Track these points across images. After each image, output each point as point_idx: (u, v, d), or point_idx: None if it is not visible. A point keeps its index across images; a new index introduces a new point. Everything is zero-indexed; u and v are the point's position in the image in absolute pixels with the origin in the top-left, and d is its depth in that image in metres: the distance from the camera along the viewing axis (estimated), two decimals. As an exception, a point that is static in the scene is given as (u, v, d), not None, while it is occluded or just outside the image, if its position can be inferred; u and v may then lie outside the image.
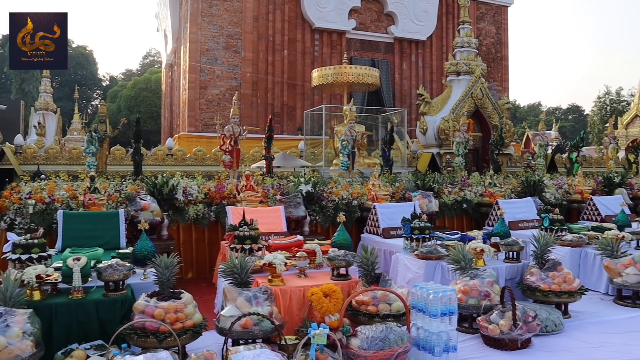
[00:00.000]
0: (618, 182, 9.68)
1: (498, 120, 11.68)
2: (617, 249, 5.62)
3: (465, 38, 12.33)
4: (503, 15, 24.42)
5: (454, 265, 4.70)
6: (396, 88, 21.26)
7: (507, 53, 24.29)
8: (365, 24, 20.93)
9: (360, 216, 7.28)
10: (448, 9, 22.35)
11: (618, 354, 4.03)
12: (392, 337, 3.60)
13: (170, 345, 3.39)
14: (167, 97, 24.98)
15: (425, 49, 21.94)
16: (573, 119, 61.47)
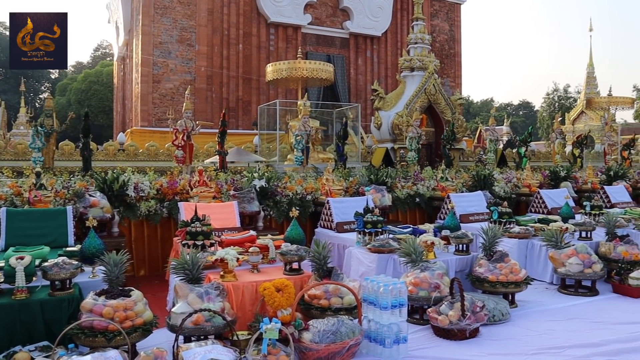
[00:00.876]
0: (564, 175, 10.04)
1: (450, 116, 11.91)
2: (561, 240, 5.84)
3: (419, 34, 12.51)
4: (456, 12, 24.88)
5: (405, 258, 4.79)
6: (351, 83, 21.39)
7: (460, 50, 24.77)
8: (321, 19, 20.96)
9: (314, 211, 7.31)
10: (403, 6, 22.60)
11: (561, 340, 4.21)
12: (343, 330, 3.65)
13: (120, 344, 3.35)
14: (120, 90, 24.39)
15: (380, 45, 22.14)
16: (524, 115, 63.22)
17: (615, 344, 4.11)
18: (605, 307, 5.16)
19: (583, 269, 5.49)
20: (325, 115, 14.66)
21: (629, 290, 5.51)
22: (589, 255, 5.57)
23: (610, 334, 4.32)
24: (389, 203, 7.47)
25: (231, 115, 18.96)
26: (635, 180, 11.51)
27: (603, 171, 11.49)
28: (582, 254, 5.55)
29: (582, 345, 4.07)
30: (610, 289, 5.72)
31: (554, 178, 9.92)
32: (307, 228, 7.30)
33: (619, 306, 5.20)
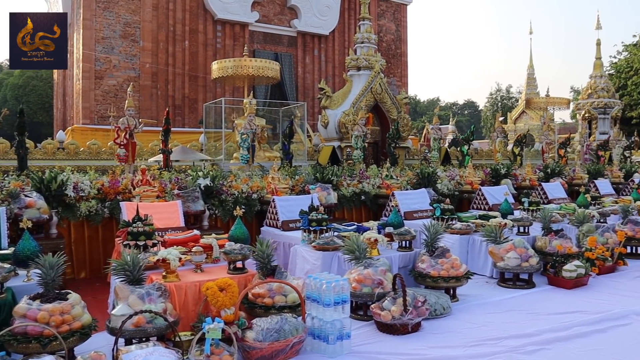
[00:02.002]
0: (504, 173, 10.38)
1: (396, 115, 12.10)
2: (500, 235, 6.05)
3: (365, 34, 12.63)
4: (402, 13, 25.27)
5: (349, 255, 4.85)
6: (299, 82, 21.41)
7: (406, 50, 25.18)
8: (269, 17, 20.86)
9: (260, 209, 7.29)
10: (350, 5, 22.78)
11: (498, 332, 4.36)
12: (287, 328, 3.66)
13: (56, 350, 3.25)
14: (60, 86, 23.54)
15: (327, 44, 22.25)
16: (469, 114, 64.96)
17: (548, 333, 4.30)
18: (540, 299, 5.39)
19: (520, 262, 5.71)
20: (272, 114, 14.62)
21: (563, 282, 5.77)
22: (526, 250, 5.79)
23: (544, 324, 4.52)
24: (335, 201, 7.53)
25: (177, 113, 18.62)
26: (571, 177, 12.03)
27: (541, 169, 11.95)
28: (520, 249, 5.77)
29: (518, 336, 4.24)
30: (545, 281, 5.98)
31: (495, 175, 10.24)
32: (253, 227, 7.27)
33: (554, 297, 5.44)
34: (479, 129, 50.53)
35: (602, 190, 11.29)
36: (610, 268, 6.52)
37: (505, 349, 3.96)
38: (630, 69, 33.58)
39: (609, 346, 4.04)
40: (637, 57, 33.03)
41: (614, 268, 6.63)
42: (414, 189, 8.48)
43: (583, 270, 5.85)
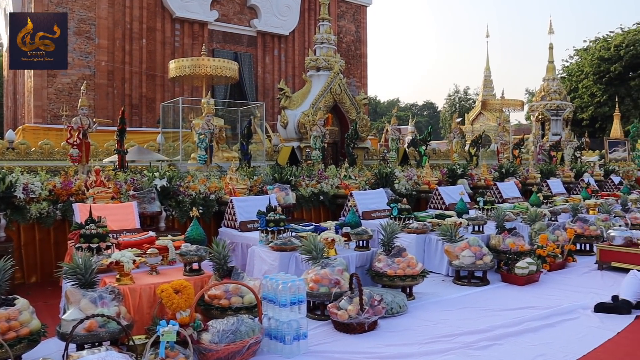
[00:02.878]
0: (460, 173, 10.59)
1: (355, 115, 12.18)
2: (456, 234, 6.17)
3: (325, 35, 12.67)
4: (362, 14, 25.44)
5: (307, 255, 4.86)
6: (259, 82, 21.29)
7: (366, 51, 25.36)
8: (228, 16, 20.67)
9: (218, 210, 7.22)
10: (310, 6, 22.79)
11: (453, 328, 4.46)
12: (243, 329, 3.65)
13: (2, 358, 3.14)
14: (10, 84, 22.73)
15: (288, 44, 22.20)
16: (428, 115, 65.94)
17: (501, 328, 4.41)
18: (494, 296, 5.53)
19: (475, 260, 5.84)
20: (231, 114, 14.50)
21: (516, 279, 5.94)
22: (480, 248, 5.93)
23: (497, 320, 4.64)
24: (293, 201, 7.52)
25: (134, 112, 18.26)
26: (525, 177, 12.36)
27: (496, 169, 12.24)
28: (474, 247, 5.90)
29: (472, 332, 4.34)
30: (499, 278, 6.14)
31: (452, 175, 10.43)
32: (211, 228, 7.20)
33: (506, 294, 5.59)
34: (438, 129, 51.40)
35: (554, 189, 11.66)
36: (560, 265, 6.75)
37: (459, 345, 4.05)
38: (581, 73, 34.75)
39: (557, 340, 4.19)
40: (587, 62, 34.20)
41: (564, 264, 6.87)
42: (373, 189, 8.56)
43: (535, 267, 6.04)
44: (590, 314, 4.84)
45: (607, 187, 13.53)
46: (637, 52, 31.24)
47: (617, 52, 32.09)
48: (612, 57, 32.32)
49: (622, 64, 31.73)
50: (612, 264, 6.57)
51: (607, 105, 30.91)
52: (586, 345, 4.06)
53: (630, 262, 6.28)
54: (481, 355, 3.87)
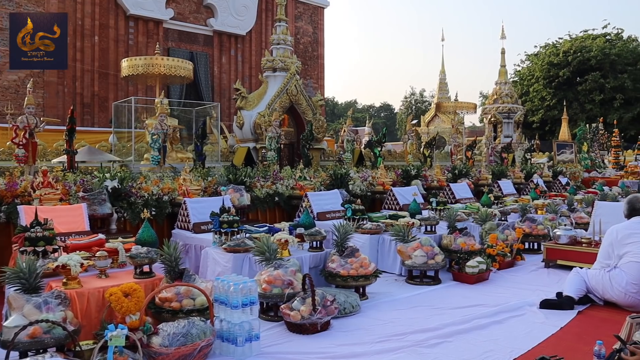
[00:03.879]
0: (414, 174, 10.76)
1: (312, 116, 12.21)
2: (408, 234, 6.26)
3: (282, 35, 12.66)
4: (319, 15, 25.55)
5: (260, 256, 4.85)
6: (215, 82, 21.09)
7: (323, 52, 25.48)
8: (184, 15, 20.41)
9: (172, 212, 7.12)
10: (267, 6, 22.74)
11: (404, 327, 4.52)
12: (194, 332, 3.61)
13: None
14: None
15: (244, 44, 22.09)
16: (385, 116, 66.69)
17: (450, 326, 4.50)
18: (445, 294, 5.64)
19: (427, 260, 5.94)
20: (187, 114, 14.31)
21: (466, 278, 6.07)
22: (432, 248, 6.03)
23: (447, 318, 4.73)
24: (248, 202, 7.49)
25: (86, 111, 17.81)
26: (477, 178, 12.65)
27: (449, 170, 12.48)
28: (426, 247, 6.01)
29: (422, 330, 4.41)
30: (451, 277, 6.26)
31: (406, 176, 10.59)
32: (164, 230, 7.08)
33: (457, 292, 5.71)
34: (395, 131, 52.07)
35: (505, 190, 11.98)
36: (509, 263, 6.94)
37: (410, 344, 4.11)
38: (531, 77, 35.91)
39: (504, 336, 4.31)
40: (538, 66, 35.36)
41: (513, 263, 7.06)
42: (328, 190, 8.60)
43: (484, 266, 6.19)
44: (536, 310, 5.00)
45: (555, 187, 13.99)
46: (584, 58, 32.49)
47: (565, 58, 33.30)
48: (560, 62, 33.52)
49: (570, 69, 32.95)
50: (557, 262, 6.79)
51: (556, 109, 32.02)
52: (531, 341, 4.19)
53: (574, 259, 6.50)
54: (431, 353, 3.94)
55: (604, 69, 32.03)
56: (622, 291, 4.97)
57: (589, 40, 34.21)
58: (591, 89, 31.98)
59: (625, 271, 4.98)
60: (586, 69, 32.48)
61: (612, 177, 16.59)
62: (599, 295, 5.18)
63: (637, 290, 4.90)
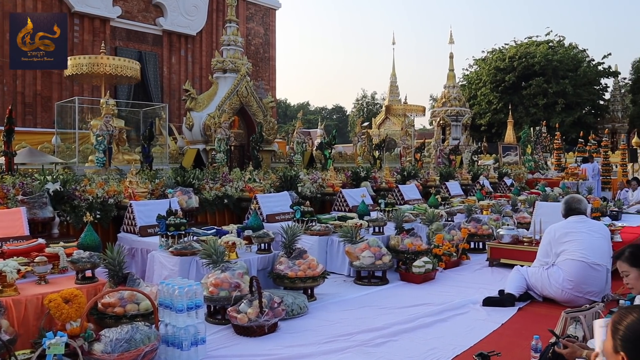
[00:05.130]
0: (364, 176, 10.88)
1: (262, 118, 12.17)
2: (356, 235, 6.32)
3: (232, 36, 12.56)
4: (271, 17, 25.47)
5: (207, 259, 4.80)
6: (165, 82, 20.72)
7: (274, 54, 25.41)
8: (132, 13, 19.96)
9: (117, 215, 6.95)
10: (218, 6, 22.50)
11: (351, 327, 4.57)
12: (138, 337, 3.54)
13: None
14: None
15: (195, 44, 21.79)
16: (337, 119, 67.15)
17: (396, 325, 4.58)
18: (392, 294, 5.72)
19: (375, 261, 6.02)
20: (136, 115, 13.99)
21: (413, 277, 6.19)
22: (379, 248, 6.12)
23: (393, 318, 4.81)
24: (196, 205, 7.40)
25: (28, 111, 17.16)
26: (425, 179, 12.90)
27: (399, 171, 12.68)
28: (374, 247, 6.09)
29: (369, 330, 4.47)
30: (398, 277, 6.36)
31: (356, 178, 10.70)
32: (110, 233, 6.91)
33: (404, 292, 5.81)
34: (347, 133, 52.45)
35: (452, 191, 12.26)
36: (455, 262, 7.11)
37: (356, 344, 4.16)
38: (479, 81, 36.90)
39: (448, 333, 4.42)
40: (485, 71, 36.38)
41: (459, 262, 7.24)
42: (277, 192, 8.60)
43: (431, 266, 6.32)
44: (479, 308, 5.14)
45: (500, 188, 14.42)
46: (529, 63, 33.63)
47: (511, 63, 34.37)
48: (506, 67, 34.58)
49: (515, 74, 34.03)
50: (501, 261, 6.99)
51: (502, 112, 32.99)
52: (474, 337, 4.31)
53: (517, 258, 6.72)
54: (376, 352, 4.00)
55: (547, 74, 33.23)
56: (559, 288, 5.18)
57: (533, 47, 35.44)
58: (535, 94, 33.11)
59: (562, 268, 5.19)
60: (530, 74, 33.62)
61: (554, 179, 17.23)
62: (538, 292, 5.38)
63: (573, 287, 5.11)
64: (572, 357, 3.12)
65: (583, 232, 5.30)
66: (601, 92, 35.88)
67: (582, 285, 5.10)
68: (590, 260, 5.10)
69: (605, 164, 18.76)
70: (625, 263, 3.29)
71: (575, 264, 5.13)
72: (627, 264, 3.28)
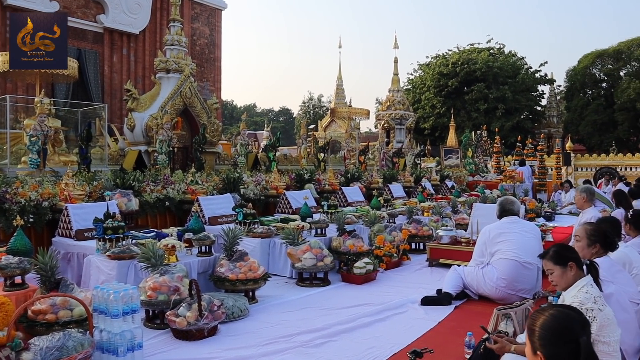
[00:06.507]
0: (308, 178, 10.93)
1: (206, 119, 12.02)
2: (298, 237, 6.35)
3: (176, 36, 12.35)
4: (217, 18, 25.17)
5: (145, 263, 4.71)
6: (106, 81, 20.11)
7: (220, 55, 25.12)
8: (71, 9, 19.26)
9: (53, 218, 6.71)
10: (162, 5, 22.04)
11: (292, 329, 4.59)
12: (70, 345, 3.44)
13: None
14: None
15: (138, 43, 21.26)
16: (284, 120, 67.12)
17: (336, 326, 4.63)
18: (333, 295, 5.78)
19: (316, 262, 6.07)
20: (74, 115, 13.53)
21: (354, 278, 6.27)
22: (321, 250, 6.17)
23: (333, 318, 4.86)
24: (136, 207, 7.24)
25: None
26: (369, 181, 13.09)
27: (342, 174, 12.81)
28: (315, 249, 6.13)
29: (309, 331, 4.50)
30: (340, 279, 6.43)
31: (300, 180, 10.73)
32: (45, 238, 6.67)
33: (345, 293, 5.87)
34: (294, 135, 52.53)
35: (395, 193, 12.50)
36: (396, 263, 7.25)
37: (296, 344, 4.18)
38: (423, 86, 37.74)
39: (387, 332, 4.51)
40: (429, 76, 37.23)
41: (399, 263, 7.39)
42: (220, 194, 8.52)
43: (372, 267, 6.42)
44: (417, 307, 5.27)
45: (442, 191, 14.80)
46: (470, 69, 34.66)
47: (454, 69, 35.32)
48: (450, 73, 35.51)
49: (458, 79, 35.00)
50: (440, 261, 7.19)
51: (445, 117, 33.83)
52: (411, 335, 4.41)
53: (455, 258, 6.92)
54: (316, 353, 4.04)
55: (488, 80, 34.33)
56: (494, 286, 5.37)
57: (475, 53, 36.55)
58: (477, 99, 34.14)
59: (496, 267, 5.39)
60: (472, 80, 34.64)
61: (493, 181, 17.85)
62: (474, 291, 5.57)
63: (506, 285, 5.32)
64: (501, 352, 3.27)
65: (516, 233, 5.53)
66: (538, 98, 37.42)
67: (514, 283, 5.31)
68: (522, 259, 5.33)
69: (542, 167, 19.56)
70: (549, 261, 3.46)
71: (508, 263, 5.34)
72: (551, 262, 3.44)
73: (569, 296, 3.32)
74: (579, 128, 35.47)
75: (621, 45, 35.77)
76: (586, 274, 3.40)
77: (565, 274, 3.39)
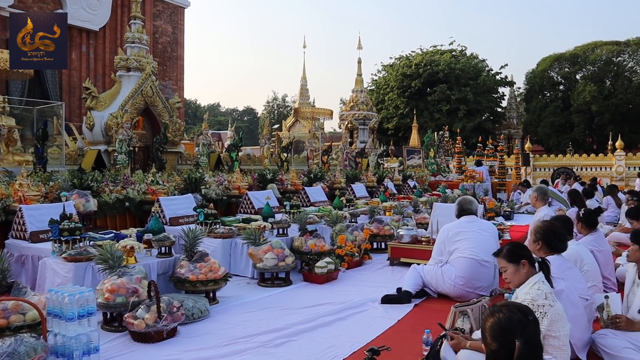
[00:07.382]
0: (270, 178, 10.92)
1: (168, 119, 11.86)
2: (260, 237, 6.35)
3: (137, 34, 12.13)
4: (180, 16, 24.86)
5: (103, 264, 4.64)
6: (64, 79, 19.62)
7: (182, 53, 24.82)
8: (27, 3, 18.69)
9: (6, 220, 6.52)
10: (123, 2, 21.63)
11: (252, 329, 4.60)
12: (22, 350, 3.36)
13: None
14: None
15: (97, 40, 20.82)
16: (248, 120, 66.79)
17: (297, 325, 4.66)
18: (295, 295, 5.81)
19: (278, 262, 6.08)
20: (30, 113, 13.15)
21: (316, 278, 6.31)
22: (282, 250, 6.19)
23: (294, 318, 4.89)
24: (95, 208, 7.09)
25: None
26: (332, 181, 13.15)
27: (305, 174, 12.83)
28: (277, 249, 6.15)
29: (270, 331, 4.51)
30: (302, 278, 6.46)
31: (262, 180, 10.71)
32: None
33: (307, 292, 5.91)
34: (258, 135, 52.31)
35: (358, 193, 12.59)
36: (357, 262, 7.32)
37: (256, 345, 4.19)
38: (387, 86, 38.12)
39: (347, 331, 4.56)
40: (393, 77, 37.63)
41: (361, 262, 7.46)
42: (181, 194, 8.44)
43: (333, 266, 6.47)
44: (377, 305, 5.34)
45: (404, 190, 14.97)
46: (433, 71, 35.20)
47: (417, 70, 35.82)
48: (413, 74, 35.99)
49: (421, 80, 35.50)
50: (401, 260, 7.29)
51: (408, 117, 34.27)
52: (371, 334, 4.47)
53: (415, 257, 7.04)
54: (276, 352, 4.06)
55: (450, 81, 34.93)
56: (452, 284, 5.49)
57: (438, 55, 37.15)
58: (439, 100, 34.70)
59: (454, 266, 5.51)
60: (435, 81, 35.19)
61: (455, 181, 18.15)
62: (433, 289, 5.68)
63: (464, 283, 5.44)
64: (457, 348, 3.36)
65: (473, 231, 5.67)
66: (499, 100, 38.31)
67: (472, 281, 5.44)
68: (479, 257, 5.46)
69: (501, 167, 20.01)
70: (503, 259, 3.56)
71: (466, 262, 5.46)
72: (505, 260, 3.55)
73: (521, 293, 3.43)
74: (538, 129, 36.44)
75: (577, 50, 36.92)
76: (538, 272, 3.51)
77: (518, 271, 3.50)
